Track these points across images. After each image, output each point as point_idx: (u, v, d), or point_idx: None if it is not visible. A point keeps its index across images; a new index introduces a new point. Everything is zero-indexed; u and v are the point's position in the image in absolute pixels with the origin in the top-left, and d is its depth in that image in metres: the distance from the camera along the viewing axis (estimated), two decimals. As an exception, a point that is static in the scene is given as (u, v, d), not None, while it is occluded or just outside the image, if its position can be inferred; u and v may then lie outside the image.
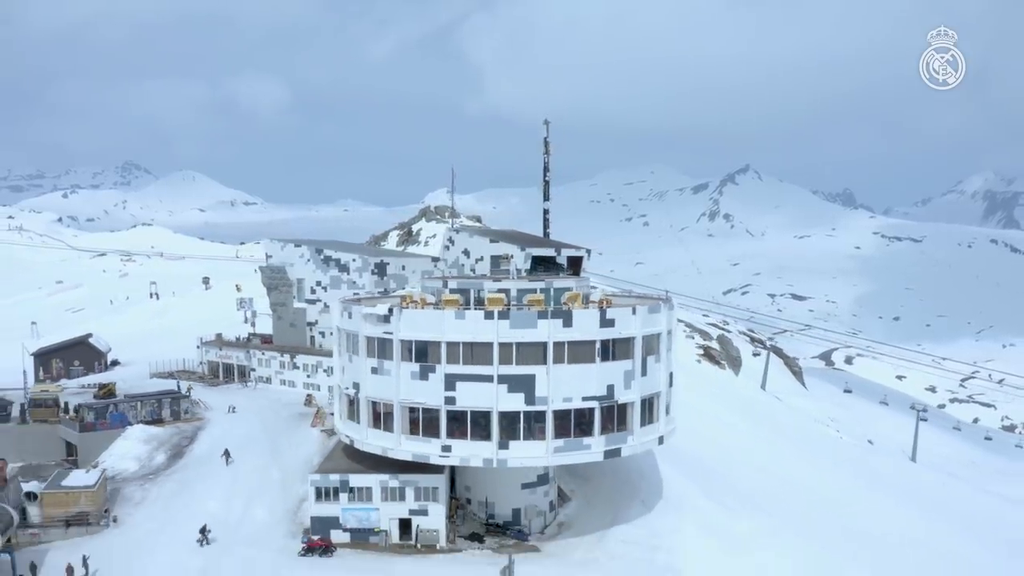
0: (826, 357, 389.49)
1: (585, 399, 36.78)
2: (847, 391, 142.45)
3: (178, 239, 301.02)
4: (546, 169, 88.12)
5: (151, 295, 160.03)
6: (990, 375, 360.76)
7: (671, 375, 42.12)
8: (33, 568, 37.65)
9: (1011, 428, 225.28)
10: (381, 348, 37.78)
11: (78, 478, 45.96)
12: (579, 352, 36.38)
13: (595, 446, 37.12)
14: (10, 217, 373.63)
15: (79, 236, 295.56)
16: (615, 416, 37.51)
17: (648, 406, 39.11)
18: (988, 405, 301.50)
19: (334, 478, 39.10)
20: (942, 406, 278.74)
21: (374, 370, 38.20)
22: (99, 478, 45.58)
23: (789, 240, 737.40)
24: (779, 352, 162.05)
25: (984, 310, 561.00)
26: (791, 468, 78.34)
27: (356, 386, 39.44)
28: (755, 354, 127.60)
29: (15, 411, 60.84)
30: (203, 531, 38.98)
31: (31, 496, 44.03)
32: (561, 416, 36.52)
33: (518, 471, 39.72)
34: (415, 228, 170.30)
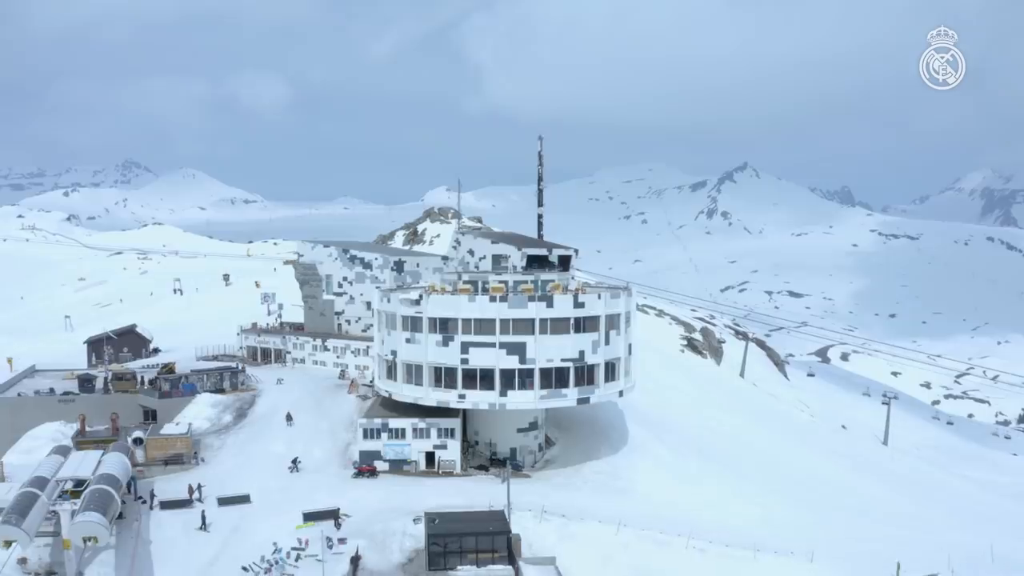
0: (822, 354, 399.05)
1: (563, 360, 50.78)
2: (810, 375, 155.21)
3: (188, 237, 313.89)
4: (540, 178, 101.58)
5: (175, 291, 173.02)
6: (984, 372, 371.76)
7: (629, 345, 55.87)
8: (151, 494, 51.07)
9: (1005, 423, 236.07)
10: (413, 324, 51.81)
11: (172, 429, 59.75)
12: (558, 326, 50.42)
13: (570, 395, 51.25)
14: (20, 216, 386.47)
15: (92, 235, 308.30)
16: (585, 374, 51.51)
17: (610, 367, 53.06)
18: (982, 401, 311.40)
19: (377, 422, 53.07)
20: (936, 402, 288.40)
21: (408, 340, 52.21)
22: (189, 428, 59.40)
23: (787, 238, 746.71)
24: (763, 345, 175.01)
25: (980, 307, 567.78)
26: (749, 435, 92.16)
27: (394, 353, 53.41)
28: (720, 341, 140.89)
29: (99, 384, 74.52)
30: (294, 462, 52.82)
31: (138, 441, 57.76)
32: (545, 373, 50.54)
33: (514, 417, 53.67)
34: (420, 228, 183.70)
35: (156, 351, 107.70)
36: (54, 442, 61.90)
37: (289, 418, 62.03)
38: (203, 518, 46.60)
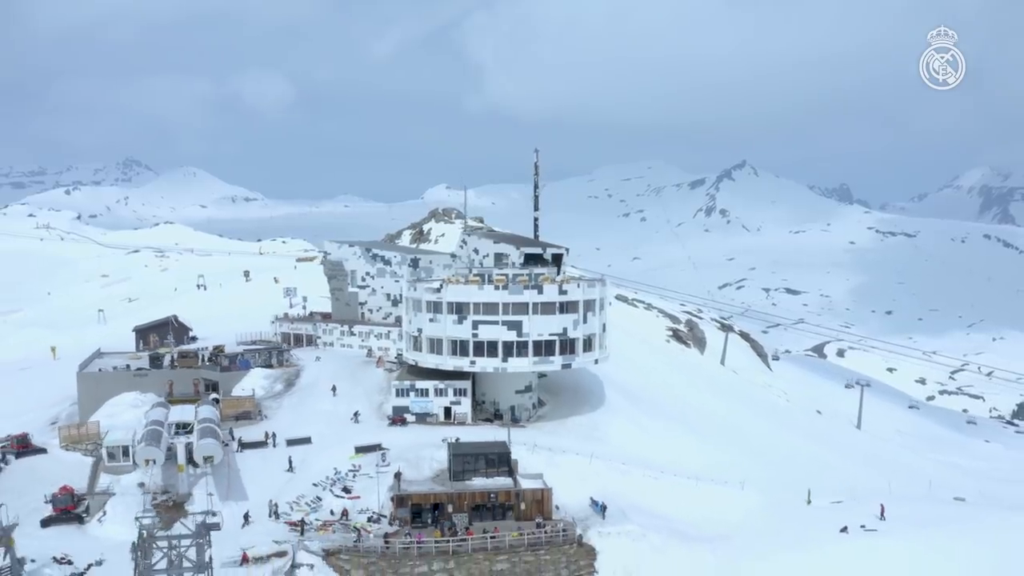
0: (818, 350, 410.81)
1: (550, 335, 66.84)
2: (775, 359, 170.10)
3: (199, 236, 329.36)
4: (536, 186, 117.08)
5: (198, 286, 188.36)
6: (979, 368, 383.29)
7: (603, 324, 71.85)
8: (239, 440, 66.35)
9: (999, 419, 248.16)
10: (435, 307, 67.82)
11: (240, 392, 75.63)
12: (547, 308, 66.42)
13: (556, 362, 67.50)
14: (30, 215, 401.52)
15: (107, 234, 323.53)
16: (568, 345, 67.54)
17: (588, 341, 69.15)
18: (977, 397, 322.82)
19: (407, 383, 69.08)
20: (931, 398, 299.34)
21: (431, 320, 68.25)
22: (253, 391, 75.27)
23: (784, 235, 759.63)
24: (747, 337, 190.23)
25: (975, 304, 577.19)
26: (720, 410, 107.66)
27: (419, 330, 69.52)
28: (689, 327, 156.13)
29: (166, 361, 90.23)
30: (356, 414, 68.58)
31: (215, 401, 73.54)
32: (536, 344, 66.56)
33: (513, 380, 69.77)
34: (426, 228, 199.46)
35: (194, 339, 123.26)
36: (133, 407, 77.55)
37: (334, 389, 77.57)
38: (290, 462, 61.88)
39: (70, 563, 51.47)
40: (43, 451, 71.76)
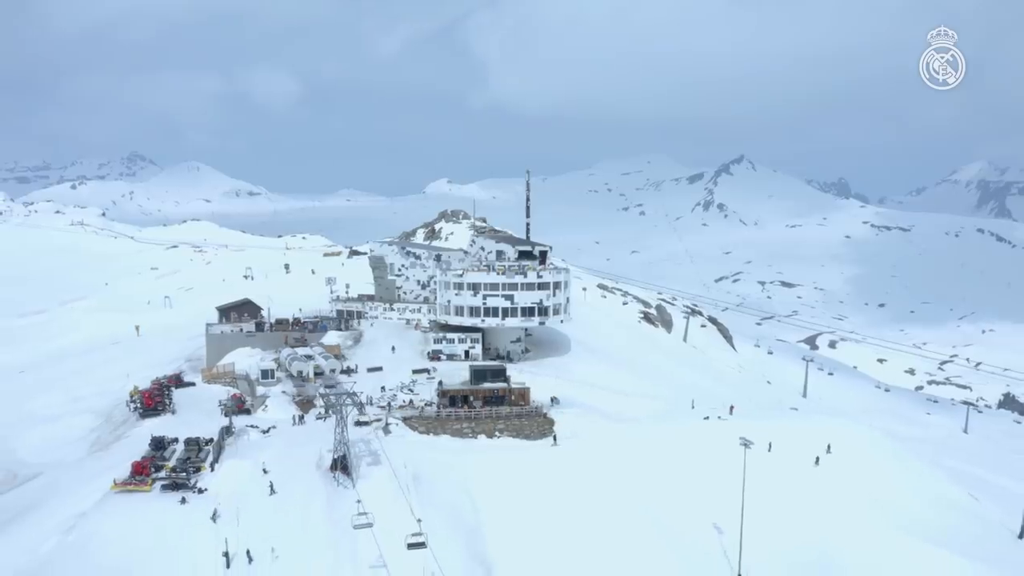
0: (811, 342, 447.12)
1: (532, 303, 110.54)
2: (756, 346, 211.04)
3: (223, 232, 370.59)
4: (527, 199, 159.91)
5: (245, 277, 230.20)
6: (968, 359, 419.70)
7: (568, 298, 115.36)
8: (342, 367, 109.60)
9: (973, 405, 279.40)
10: (459, 286, 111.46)
11: (329, 343, 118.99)
12: (529, 286, 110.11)
13: (535, 320, 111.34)
14: (57, 212, 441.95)
15: (143, 231, 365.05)
16: (543, 310, 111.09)
17: (556, 308, 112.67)
18: (964, 387, 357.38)
19: (440, 335, 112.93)
20: (920, 388, 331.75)
21: (456, 294, 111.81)
22: (339, 340, 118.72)
23: (781, 229, 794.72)
24: (715, 321, 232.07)
25: (967, 297, 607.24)
26: (662, 365, 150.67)
27: (449, 301, 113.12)
28: (656, 310, 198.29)
29: (266, 327, 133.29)
30: (429, 353, 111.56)
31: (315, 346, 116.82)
32: (523, 309, 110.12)
33: (509, 333, 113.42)
34: (437, 227, 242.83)
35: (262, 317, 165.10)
36: (248, 356, 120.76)
37: (393, 349, 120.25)
38: (383, 388, 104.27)
39: (256, 427, 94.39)
40: (192, 384, 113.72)
